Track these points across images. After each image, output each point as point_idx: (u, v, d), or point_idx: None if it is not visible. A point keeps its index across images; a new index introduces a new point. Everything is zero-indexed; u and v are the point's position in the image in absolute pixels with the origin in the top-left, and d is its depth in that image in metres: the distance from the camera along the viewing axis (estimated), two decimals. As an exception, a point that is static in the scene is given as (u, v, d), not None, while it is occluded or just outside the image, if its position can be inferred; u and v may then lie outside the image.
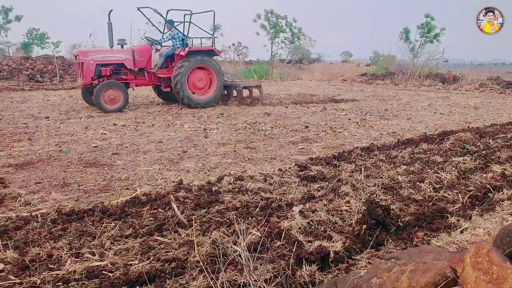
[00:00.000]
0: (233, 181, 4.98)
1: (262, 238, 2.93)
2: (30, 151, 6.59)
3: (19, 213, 4.01)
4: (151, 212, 4.02)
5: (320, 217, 3.81)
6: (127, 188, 4.85)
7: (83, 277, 2.86)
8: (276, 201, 4.28)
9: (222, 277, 2.42)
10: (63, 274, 2.89)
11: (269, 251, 3.02)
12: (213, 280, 2.69)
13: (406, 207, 4.10)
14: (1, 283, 2.77)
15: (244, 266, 2.34)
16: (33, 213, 3.99)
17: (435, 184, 4.77)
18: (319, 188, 4.70)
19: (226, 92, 12.86)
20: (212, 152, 6.64)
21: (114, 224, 3.73)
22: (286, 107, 12.24)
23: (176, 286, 2.75)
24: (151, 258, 3.12)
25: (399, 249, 3.22)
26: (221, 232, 3.52)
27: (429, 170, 5.37)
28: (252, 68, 31.62)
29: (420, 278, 1.88)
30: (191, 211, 4.07)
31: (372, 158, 6.06)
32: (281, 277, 2.37)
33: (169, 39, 11.98)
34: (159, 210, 4.07)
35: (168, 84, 11.62)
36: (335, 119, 10.00)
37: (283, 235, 3.42)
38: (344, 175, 5.13)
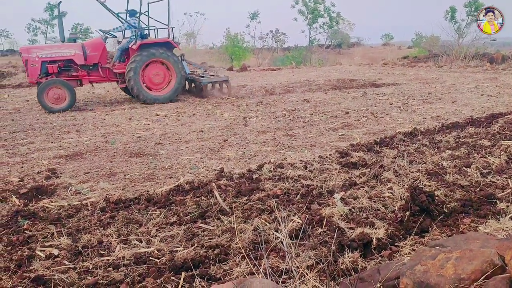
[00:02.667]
0: (273, 168, 5.01)
1: (304, 225, 2.94)
2: (78, 142, 6.87)
3: (70, 202, 4.21)
4: (194, 200, 4.12)
5: (362, 204, 3.78)
6: (171, 177, 4.97)
7: (132, 263, 2.98)
8: (317, 188, 4.27)
9: (264, 263, 2.46)
10: (113, 260, 3.02)
11: (311, 238, 3.04)
12: (255, 267, 2.74)
13: (452, 193, 3.98)
14: (57, 267, 2.94)
15: (286, 252, 2.36)
16: (83, 202, 4.18)
17: (482, 169, 4.61)
18: (360, 175, 4.64)
19: (192, 86, 12.26)
20: (252, 140, 6.68)
21: (159, 212, 3.85)
22: (326, 93, 12.09)
23: (220, 272, 2.82)
24: (195, 245, 3.21)
25: (444, 236, 3.15)
26: (262, 219, 3.56)
27: (476, 154, 5.18)
28: (290, 55, 31.38)
29: (467, 265, 1.84)
30: (233, 198, 4.13)
31: (415, 143, 5.92)
32: (323, 264, 2.38)
33: (119, 31, 11.16)
34: (202, 198, 4.16)
35: (124, 79, 10.87)
36: (376, 104, 9.79)
37: (324, 222, 3.42)
38: (386, 161, 5.04)
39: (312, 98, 11.05)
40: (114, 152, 6.18)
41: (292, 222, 3.38)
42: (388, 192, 4.06)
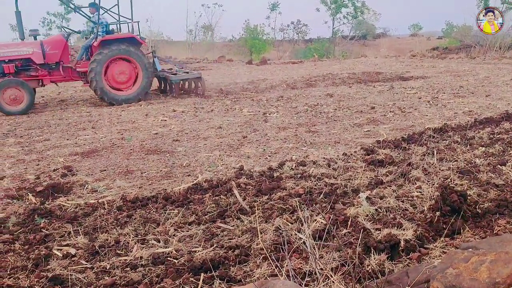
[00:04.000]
0: (295, 166, 5.00)
1: (328, 225, 2.94)
2: (94, 139, 6.99)
3: (87, 200, 4.30)
4: (213, 198, 4.15)
5: (389, 203, 3.75)
6: (189, 175, 5.02)
7: (150, 263, 3.03)
8: (341, 187, 4.25)
9: (287, 265, 2.47)
10: (130, 260, 3.08)
11: (335, 239, 3.03)
12: (277, 268, 2.75)
13: (485, 193, 3.91)
14: (75, 267, 3.01)
15: (310, 254, 2.37)
16: (100, 200, 4.26)
17: (518, 167, 4.51)
18: (387, 173, 4.60)
19: (163, 84, 12.06)
20: (273, 136, 6.69)
21: (177, 211, 3.89)
22: (350, 87, 12.00)
23: (240, 273, 2.84)
24: (215, 245, 3.24)
25: (477, 238, 3.10)
26: (284, 219, 3.57)
27: None
28: (312, 47, 31.23)
29: (502, 269, 1.81)
30: (253, 197, 4.15)
31: (446, 140, 5.83)
32: (348, 266, 2.37)
33: (90, 31, 10.89)
34: (221, 196, 4.19)
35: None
36: (404, 98, 9.67)
37: (349, 223, 3.41)
38: (414, 159, 4.99)
39: (336, 92, 10.98)
40: (131, 149, 6.27)
41: (315, 223, 3.38)
42: (417, 192, 4.01)
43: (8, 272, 2.97)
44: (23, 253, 3.24)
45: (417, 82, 12.49)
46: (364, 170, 4.74)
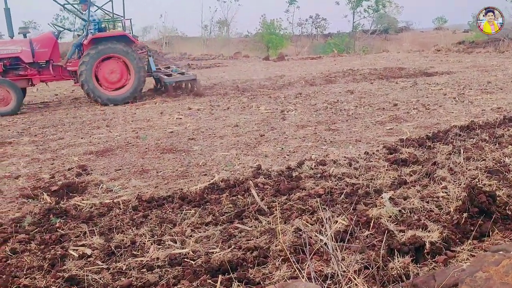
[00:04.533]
0: (315, 166, 5.00)
1: (351, 226, 2.93)
2: (108, 138, 7.08)
3: (102, 200, 4.36)
4: (230, 198, 4.17)
5: (413, 204, 3.72)
6: (205, 174, 5.05)
7: (166, 264, 3.07)
8: (363, 187, 4.23)
9: (308, 267, 2.47)
10: (147, 261, 3.11)
11: (358, 240, 3.02)
12: (298, 270, 2.75)
13: (516, 194, 3.85)
14: (91, 267, 3.06)
15: (332, 256, 2.37)
16: (115, 200, 4.31)
17: (551, 167, 4.43)
18: (411, 173, 4.56)
19: (158, 85, 11.96)
20: (291, 135, 6.69)
21: (193, 211, 3.92)
22: (371, 83, 11.91)
23: (259, 275, 2.85)
24: (232, 246, 3.26)
25: (507, 241, 3.06)
26: (303, 220, 3.57)
27: (543, 150, 4.98)
28: (332, 42, 31.07)
29: (534, 273, 1.79)
30: (271, 197, 4.16)
31: (473, 138, 5.75)
32: (372, 269, 2.36)
33: (81, 29, 10.80)
34: (238, 196, 4.21)
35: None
36: (428, 94, 9.56)
37: (371, 224, 3.39)
38: (440, 158, 4.93)
39: (356, 88, 10.92)
40: (146, 148, 6.33)
41: (336, 224, 3.37)
42: (443, 192, 3.97)
43: (25, 272, 3.03)
44: (39, 253, 3.31)
45: (442, 77, 12.33)
46: (386, 170, 4.70)
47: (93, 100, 10.36)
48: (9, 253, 3.31)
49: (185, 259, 3.11)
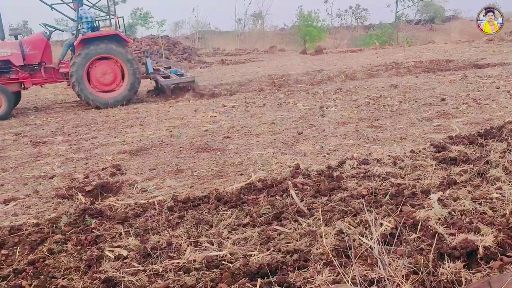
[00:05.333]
0: (357, 165, 4.96)
1: (399, 228, 2.90)
2: (142, 136, 7.24)
3: (137, 200, 4.47)
4: (268, 199, 4.19)
5: (464, 206, 3.64)
6: (241, 174, 5.10)
7: (203, 267, 3.12)
8: (409, 188, 4.17)
9: (353, 271, 2.47)
10: (183, 263, 3.18)
11: (406, 244, 2.98)
12: (340, 275, 2.75)
13: None
14: (127, 269, 3.14)
15: (378, 259, 2.35)
16: (150, 200, 4.41)
17: None
18: (461, 172, 4.46)
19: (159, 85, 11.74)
20: (331, 132, 6.65)
21: (230, 212, 3.97)
22: (417, 76, 11.69)
23: (300, 280, 2.86)
24: (271, 249, 3.28)
25: None
26: (346, 222, 3.55)
27: None
28: (374, 33, 30.63)
29: None
30: (311, 198, 4.16)
31: (530, 135, 5.56)
32: (422, 273, 2.34)
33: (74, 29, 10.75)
34: (277, 197, 4.23)
35: None
36: (479, 88, 9.30)
37: (419, 227, 3.34)
38: (493, 156, 4.80)
39: (401, 83, 10.73)
40: (180, 147, 6.44)
41: (381, 226, 3.34)
42: (497, 193, 3.86)
43: (62, 272, 3.15)
44: (75, 253, 3.42)
45: (495, 69, 11.96)
46: (434, 169, 4.62)
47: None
48: (46, 253, 3.45)
49: (223, 262, 3.15)
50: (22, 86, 10.62)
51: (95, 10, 11.61)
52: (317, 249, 3.19)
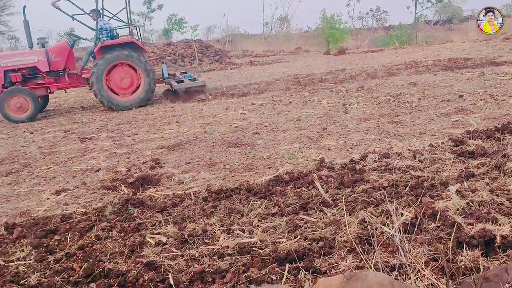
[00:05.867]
0: (378, 158, 4.91)
1: (419, 218, 2.87)
2: (178, 133, 7.32)
3: (174, 191, 4.53)
4: (295, 190, 4.20)
5: (481, 197, 3.57)
6: (269, 167, 5.11)
7: (236, 253, 3.15)
8: (428, 180, 4.11)
9: (376, 257, 2.45)
10: (217, 249, 3.22)
11: (426, 232, 2.95)
12: (363, 261, 2.74)
13: None
14: (166, 254, 3.20)
15: (399, 247, 2.33)
16: (186, 191, 4.48)
17: None
18: (479, 165, 4.37)
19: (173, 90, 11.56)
20: (353, 128, 6.59)
21: (260, 203, 3.99)
22: (435, 74, 11.44)
23: (325, 265, 2.86)
24: (298, 237, 3.29)
25: None
26: (368, 212, 3.53)
27: None
28: (393, 34, 30.09)
29: None
30: (335, 190, 4.14)
31: (547, 129, 5.39)
32: (441, 260, 2.30)
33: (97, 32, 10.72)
34: (303, 188, 4.22)
35: None
36: (497, 85, 9.04)
37: (438, 217, 3.29)
38: (510, 150, 4.68)
39: (420, 80, 10.53)
40: (213, 142, 6.49)
41: (402, 216, 3.30)
42: (514, 185, 3.77)
43: (108, 256, 3.23)
44: (120, 239, 3.51)
45: None
46: (453, 162, 4.53)
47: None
48: (94, 239, 3.54)
49: (254, 248, 3.18)
50: (48, 91, 10.81)
51: (114, 20, 11.67)
52: (341, 237, 3.18)
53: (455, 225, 3.06)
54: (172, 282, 2.80)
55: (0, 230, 3.87)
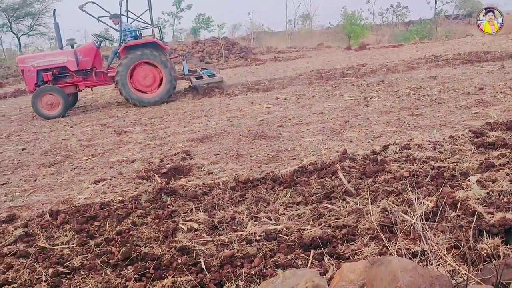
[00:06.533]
0: (399, 150, 4.84)
1: (441, 206, 2.83)
2: (207, 126, 7.38)
3: (204, 181, 4.58)
4: (318, 181, 4.19)
5: (501, 187, 3.49)
6: (294, 158, 5.11)
7: (263, 239, 3.17)
8: (449, 170, 4.03)
9: (398, 244, 2.44)
10: (245, 235, 3.24)
11: (447, 221, 2.91)
12: (384, 248, 2.72)
13: None
14: (198, 240, 3.25)
15: (421, 234, 2.31)
16: (215, 181, 4.52)
17: None
18: (499, 156, 4.26)
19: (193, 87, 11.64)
20: (375, 121, 6.51)
21: (285, 192, 4.00)
22: (455, 68, 11.17)
23: (348, 251, 2.86)
24: (322, 224, 3.29)
25: None
26: (389, 201, 3.50)
27: None
28: (413, 29, 29.46)
29: None
30: (357, 180, 4.11)
31: None
32: (463, 247, 2.27)
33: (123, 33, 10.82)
34: (326, 179, 4.21)
35: None
36: (516, 77, 8.77)
37: (458, 206, 3.24)
38: (530, 141, 4.55)
39: (440, 74, 10.30)
40: (240, 135, 6.52)
41: (423, 205, 3.26)
42: (534, 175, 3.67)
43: (144, 241, 3.30)
44: (154, 226, 3.57)
45: (532, 59, 11.23)
46: (473, 153, 4.44)
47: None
48: (130, 225, 3.62)
49: (280, 235, 3.20)
50: (77, 89, 11.02)
51: (137, 22, 11.79)
52: (363, 225, 3.17)
53: (476, 214, 3.01)
54: (203, 266, 2.84)
55: (45, 216, 4.00)
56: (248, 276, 2.69)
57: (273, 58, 20.82)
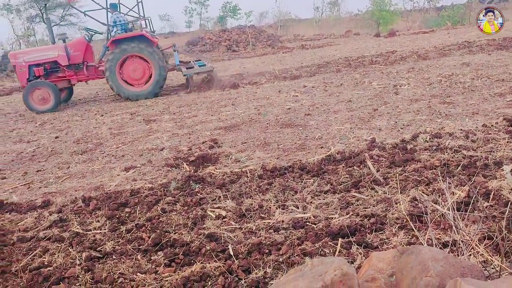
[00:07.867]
0: (430, 138, 4.75)
1: (474, 196, 2.76)
2: (234, 115, 7.41)
3: (232, 169, 4.62)
4: (346, 169, 4.16)
5: (538, 177, 3.37)
6: (321, 147, 5.08)
7: (290, 227, 3.18)
8: (481, 160, 3.93)
9: (428, 233, 2.40)
10: (273, 223, 3.26)
11: (479, 211, 2.84)
12: (414, 238, 2.69)
13: None
14: (226, 227, 3.29)
15: (452, 224, 2.27)
16: (243, 169, 4.54)
17: None
18: (535, 145, 4.12)
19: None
20: (404, 109, 6.39)
21: (312, 180, 3.99)
22: (489, 54, 10.81)
23: (377, 240, 2.84)
24: (350, 213, 3.27)
25: None
26: (419, 190, 3.44)
27: None
28: (445, 14, 28.60)
29: None
30: (386, 169, 4.06)
31: None
32: (496, 238, 2.22)
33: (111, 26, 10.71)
34: (354, 167, 4.17)
35: None
36: (555, 63, 8.43)
37: (491, 196, 3.16)
38: None
39: (473, 61, 9.99)
40: (267, 124, 6.52)
41: (454, 195, 3.19)
42: None
43: (173, 228, 3.37)
44: (183, 213, 3.63)
45: None
46: (507, 142, 4.30)
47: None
48: (160, 212, 3.69)
49: (307, 223, 3.20)
50: (69, 83, 11.05)
51: (128, 14, 11.73)
52: (392, 214, 3.13)
53: (509, 204, 2.93)
54: (231, 253, 2.88)
55: (78, 202, 4.12)
56: (275, 263, 2.71)
57: (300, 46, 20.66)
